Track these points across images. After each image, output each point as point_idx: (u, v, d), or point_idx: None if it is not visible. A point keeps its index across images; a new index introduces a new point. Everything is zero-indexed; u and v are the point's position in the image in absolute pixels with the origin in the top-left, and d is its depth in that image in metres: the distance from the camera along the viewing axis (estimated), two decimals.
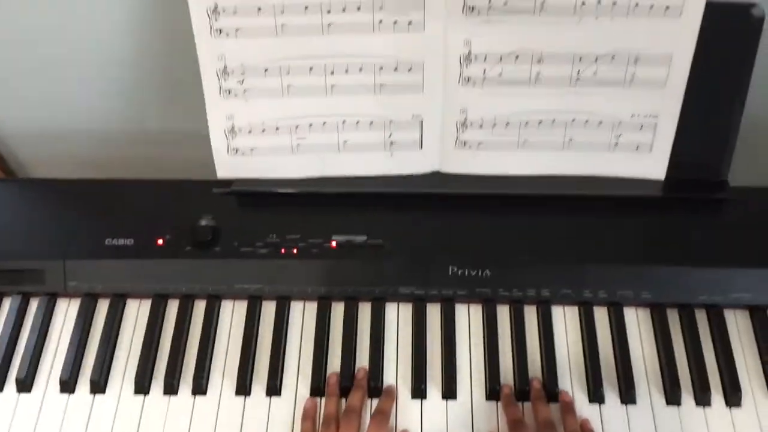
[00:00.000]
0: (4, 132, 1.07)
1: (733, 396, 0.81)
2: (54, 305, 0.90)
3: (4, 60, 0.96)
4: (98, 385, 0.84)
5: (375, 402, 0.82)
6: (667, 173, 0.89)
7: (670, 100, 0.84)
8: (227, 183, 0.91)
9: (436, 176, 0.90)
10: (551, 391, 0.82)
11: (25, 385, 0.84)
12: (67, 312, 0.89)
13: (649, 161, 0.88)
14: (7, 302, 0.90)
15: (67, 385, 0.84)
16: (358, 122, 0.86)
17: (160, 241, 0.89)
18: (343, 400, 0.83)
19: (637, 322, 0.87)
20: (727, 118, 0.87)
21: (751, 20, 0.80)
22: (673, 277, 0.86)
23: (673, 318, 0.87)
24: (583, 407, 0.82)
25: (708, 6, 0.79)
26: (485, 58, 0.83)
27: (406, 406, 0.82)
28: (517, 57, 0.83)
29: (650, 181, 0.89)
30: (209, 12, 0.80)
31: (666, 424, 0.81)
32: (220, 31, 0.81)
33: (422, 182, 0.90)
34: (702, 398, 0.82)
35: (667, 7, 0.79)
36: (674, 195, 0.89)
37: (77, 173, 1.08)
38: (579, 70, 0.83)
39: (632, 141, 0.87)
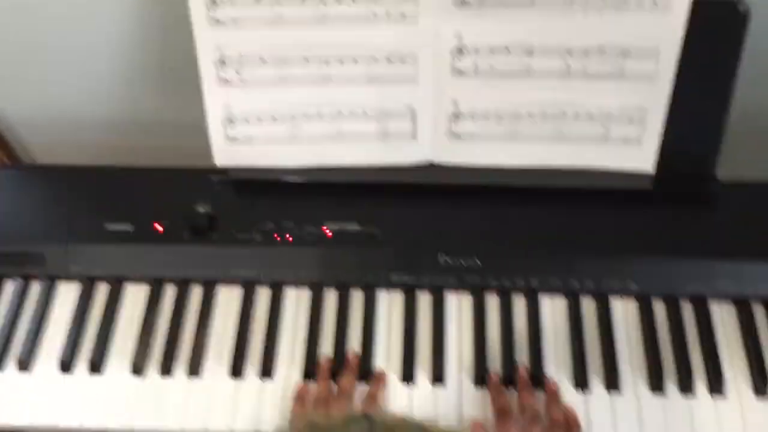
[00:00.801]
0: (9, 119, 1.09)
1: (716, 386, 0.83)
2: (54, 288, 0.92)
3: (5, 50, 0.99)
4: (96, 366, 0.86)
5: (365, 386, 0.84)
6: (656, 166, 0.90)
7: (658, 94, 0.85)
8: (224, 171, 0.94)
9: (429, 166, 0.92)
10: (537, 378, 0.84)
11: (24, 364, 0.87)
12: (67, 295, 0.92)
13: (637, 154, 0.89)
14: (8, 285, 0.93)
15: (66, 365, 0.87)
16: (352, 112, 0.88)
17: (159, 227, 0.91)
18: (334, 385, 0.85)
19: (624, 312, 0.88)
20: (715, 112, 0.88)
21: (737, 15, 0.81)
22: (659, 268, 0.88)
23: (659, 309, 0.88)
24: (569, 395, 0.83)
25: (695, 1, 0.80)
26: (477, 51, 0.85)
27: (396, 391, 0.84)
28: (508, 50, 0.84)
29: (639, 174, 0.90)
30: (207, 2, 0.83)
31: (650, 412, 0.82)
32: (218, 21, 0.83)
33: (415, 172, 0.92)
34: (686, 388, 0.83)
35: (655, 2, 0.80)
36: (662, 188, 0.90)
37: (79, 159, 1.11)
38: (569, 64, 0.85)
39: (621, 134, 0.88)
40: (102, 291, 0.92)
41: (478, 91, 0.87)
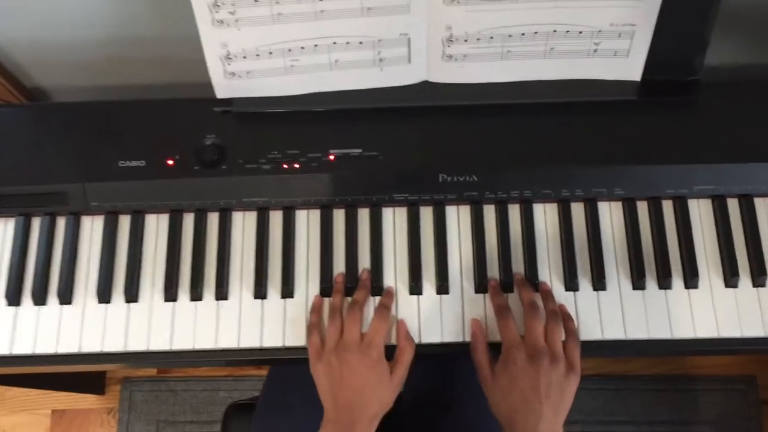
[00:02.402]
0: (3, 45, 1.09)
1: (691, 279, 0.92)
2: (79, 223, 0.98)
3: None
4: (131, 295, 0.95)
5: (377, 300, 0.93)
6: (642, 74, 0.93)
7: (648, 9, 0.87)
8: (227, 102, 0.96)
9: (425, 89, 0.95)
10: (532, 282, 0.93)
11: (65, 297, 0.95)
12: (92, 228, 0.98)
13: (625, 65, 0.93)
14: (36, 222, 0.98)
15: (104, 296, 0.95)
16: (348, 43, 0.90)
17: (170, 162, 0.95)
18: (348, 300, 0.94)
19: (610, 215, 0.96)
20: (701, 18, 0.89)
21: None
22: (643, 174, 0.94)
23: (643, 210, 0.96)
24: (560, 295, 0.93)
25: None
26: None
27: (405, 302, 0.94)
28: None
29: (626, 84, 0.94)
30: None
31: (632, 306, 0.92)
32: None
33: (412, 95, 0.95)
34: (664, 283, 0.93)
35: None
36: (647, 98, 0.94)
37: (78, 80, 1.12)
38: None
39: (610, 48, 0.91)
40: (125, 223, 0.97)
41: (470, 15, 0.88)
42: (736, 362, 1.71)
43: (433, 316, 0.93)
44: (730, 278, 0.92)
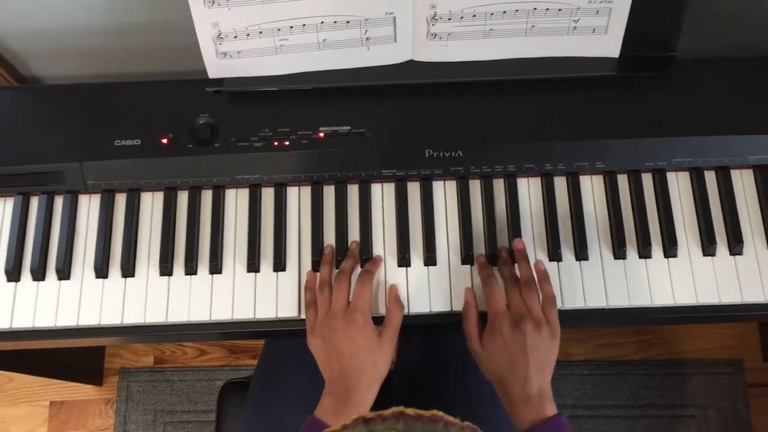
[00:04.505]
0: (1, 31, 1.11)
1: (670, 249, 0.96)
2: (77, 201, 1.01)
3: None
4: (128, 270, 0.97)
5: None
6: (621, 51, 0.97)
7: None
8: (219, 82, 0.99)
9: (411, 67, 0.98)
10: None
11: (64, 273, 0.98)
12: (89, 206, 1.01)
13: (604, 42, 0.96)
14: (34, 201, 1.01)
15: (101, 271, 0.98)
16: (335, 22, 0.93)
17: (164, 140, 0.98)
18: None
19: (591, 188, 0.99)
20: None
21: None
22: (623, 147, 0.97)
23: (623, 182, 0.99)
24: (544, 261, 0.96)
25: None
26: None
27: (394, 273, 0.97)
28: None
29: (605, 60, 0.97)
30: None
31: (613, 275, 0.95)
32: None
33: (399, 73, 0.98)
34: (644, 252, 0.96)
35: None
36: (626, 74, 0.98)
37: (72, 69, 1.15)
38: None
39: (589, 25, 0.94)
40: (121, 201, 1.00)
41: None
42: (723, 346, 1.74)
43: (422, 287, 0.96)
44: (708, 247, 0.95)
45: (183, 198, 1.00)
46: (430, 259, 0.96)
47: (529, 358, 0.86)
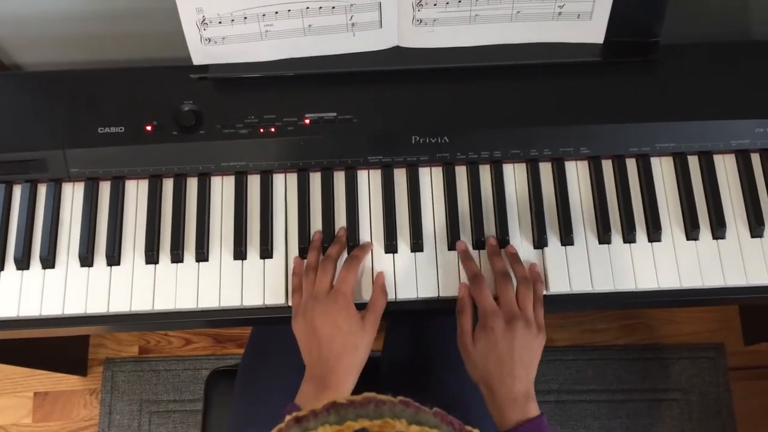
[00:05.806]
0: None
1: (654, 233, 0.96)
2: (60, 190, 1.00)
3: None
4: (113, 259, 0.97)
5: None
6: (605, 36, 0.97)
7: None
8: (203, 68, 0.99)
9: (397, 53, 0.98)
10: (502, 240, 0.97)
11: (48, 262, 0.97)
12: (73, 194, 1.00)
13: (589, 28, 0.96)
14: (17, 189, 1.00)
15: (86, 260, 0.97)
16: (321, 8, 0.93)
17: (149, 127, 0.98)
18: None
19: (576, 173, 1.00)
20: None
21: None
22: (608, 133, 0.98)
23: (608, 168, 1.00)
24: (529, 252, 0.97)
25: None
26: None
27: (381, 260, 0.97)
28: None
29: (590, 46, 0.98)
30: None
31: (598, 260, 0.96)
32: None
33: (385, 59, 0.98)
34: (628, 237, 0.96)
35: None
36: (611, 59, 0.98)
37: (57, 57, 1.13)
38: None
39: (574, 11, 0.95)
40: (105, 189, 0.99)
41: None
42: (705, 330, 1.76)
43: (409, 273, 0.96)
44: (691, 231, 0.96)
45: (168, 186, 1.00)
46: (416, 245, 0.97)
47: (518, 358, 0.87)
